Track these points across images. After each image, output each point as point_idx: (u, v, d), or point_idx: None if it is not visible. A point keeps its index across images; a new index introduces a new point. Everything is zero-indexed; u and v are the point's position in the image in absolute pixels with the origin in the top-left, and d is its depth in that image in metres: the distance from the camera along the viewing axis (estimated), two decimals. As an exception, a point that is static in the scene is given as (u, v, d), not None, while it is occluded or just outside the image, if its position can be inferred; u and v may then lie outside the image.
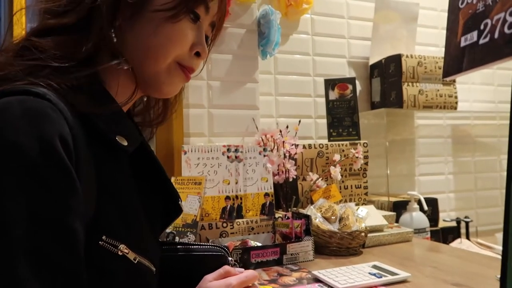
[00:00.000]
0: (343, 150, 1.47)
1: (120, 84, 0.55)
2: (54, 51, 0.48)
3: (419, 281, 0.86)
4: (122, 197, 0.51)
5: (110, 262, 0.46)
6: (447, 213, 1.96)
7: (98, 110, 0.49)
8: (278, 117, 1.67)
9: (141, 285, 0.51)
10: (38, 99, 0.42)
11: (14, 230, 0.36)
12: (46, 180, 0.39)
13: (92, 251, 0.44)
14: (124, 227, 0.49)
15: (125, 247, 0.48)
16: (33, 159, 0.39)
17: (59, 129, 0.42)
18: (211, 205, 1.14)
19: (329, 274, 0.88)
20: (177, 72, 0.58)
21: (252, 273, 0.61)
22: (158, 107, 0.68)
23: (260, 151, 1.25)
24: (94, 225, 0.44)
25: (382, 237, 1.21)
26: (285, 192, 1.32)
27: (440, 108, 1.76)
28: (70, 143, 0.43)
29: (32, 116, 0.41)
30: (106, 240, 0.46)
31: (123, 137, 0.52)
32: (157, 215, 0.60)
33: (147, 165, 0.61)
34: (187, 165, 1.15)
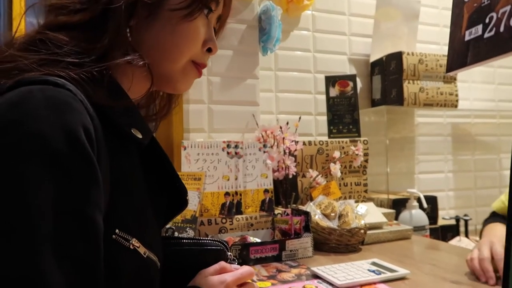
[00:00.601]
0: (343, 147, 1.46)
1: (133, 81, 0.55)
2: (71, 47, 0.48)
3: (418, 278, 0.86)
4: (134, 191, 0.51)
5: (121, 255, 0.46)
6: (446, 211, 1.96)
7: (113, 103, 0.49)
8: (279, 113, 1.66)
9: (148, 279, 0.51)
10: (58, 89, 0.42)
11: (38, 221, 0.36)
12: (70, 171, 0.39)
13: (105, 244, 0.44)
14: (135, 221, 0.50)
15: (136, 241, 0.48)
16: (57, 149, 0.38)
17: (81, 119, 0.42)
18: (210, 201, 1.14)
19: (328, 270, 0.88)
20: (191, 70, 0.59)
21: (248, 270, 0.60)
22: (162, 100, 0.68)
23: (260, 148, 1.25)
24: (108, 218, 0.44)
25: (381, 234, 1.21)
26: (284, 188, 1.32)
27: (441, 106, 1.76)
28: (92, 133, 0.42)
29: (54, 105, 0.40)
30: (119, 233, 0.46)
31: (137, 130, 0.52)
32: (162, 209, 0.60)
33: (155, 160, 0.61)
34: (187, 161, 1.15)
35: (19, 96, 0.40)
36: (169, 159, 0.63)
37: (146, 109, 0.68)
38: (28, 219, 0.36)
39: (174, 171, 0.62)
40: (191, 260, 0.62)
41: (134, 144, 0.53)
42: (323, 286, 0.82)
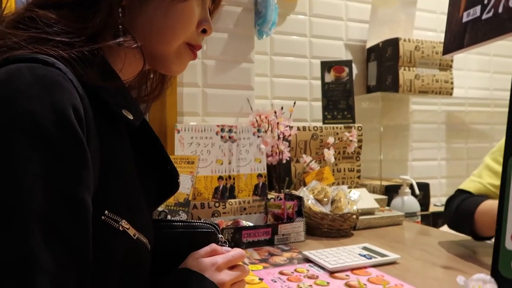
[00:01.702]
0: (337, 133, 1.46)
1: (126, 63, 0.55)
2: (62, 26, 0.47)
3: (408, 263, 0.87)
4: (124, 173, 0.51)
5: (111, 237, 0.46)
6: (438, 198, 1.98)
7: (104, 84, 0.49)
8: (273, 98, 1.65)
9: (138, 262, 0.51)
10: (48, 67, 0.41)
11: (27, 200, 0.36)
12: (60, 151, 0.39)
13: (94, 226, 0.43)
14: (124, 203, 0.49)
15: (126, 222, 0.47)
16: (47, 128, 0.38)
17: (71, 99, 0.41)
18: (203, 185, 1.14)
19: (320, 254, 0.88)
20: (186, 52, 0.58)
21: (239, 252, 0.60)
22: (154, 81, 0.67)
23: (254, 132, 1.24)
24: (97, 200, 0.44)
25: (373, 220, 1.21)
26: (278, 173, 1.32)
27: (436, 93, 1.76)
28: (82, 113, 0.42)
29: (43, 84, 0.39)
30: (108, 215, 0.45)
31: (128, 111, 0.51)
32: (152, 192, 0.60)
33: (146, 142, 0.60)
34: (180, 144, 1.14)
35: (7, 73, 0.39)
36: (161, 141, 0.62)
37: (137, 90, 0.67)
38: (16, 198, 0.35)
39: (166, 153, 0.62)
40: (182, 243, 0.62)
41: (124, 125, 0.53)
42: (315, 270, 0.82)
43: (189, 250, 0.60)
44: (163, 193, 0.63)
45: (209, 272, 0.56)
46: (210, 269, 0.56)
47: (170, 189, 0.63)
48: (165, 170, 0.62)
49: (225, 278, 0.57)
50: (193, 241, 0.61)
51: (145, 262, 0.53)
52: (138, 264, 0.51)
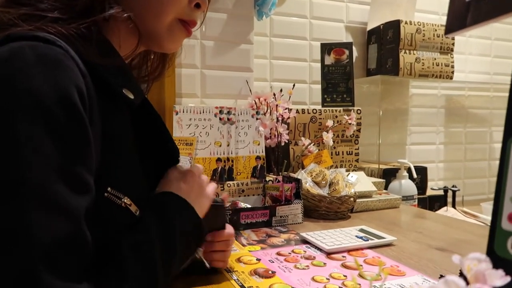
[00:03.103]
0: (336, 116, 1.46)
1: (122, 39, 0.54)
2: (52, 2, 0.47)
3: (404, 245, 0.88)
4: (125, 151, 0.51)
5: (113, 213, 0.47)
6: (435, 182, 1.99)
7: (105, 62, 0.48)
8: (272, 81, 1.64)
9: None
10: (49, 45, 0.41)
11: (27, 175, 0.36)
12: (62, 129, 0.39)
13: (97, 203, 0.44)
14: (126, 180, 0.50)
15: (128, 199, 0.48)
16: (49, 107, 0.38)
17: (74, 77, 0.41)
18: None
19: (317, 236, 0.89)
20: (178, 28, 0.57)
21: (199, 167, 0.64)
22: (155, 61, 0.66)
23: (252, 114, 1.24)
24: (100, 177, 0.44)
25: (370, 202, 1.22)
26: (276, 156, 1.32)
27: (436, 77, 1.75)
28: (84, 92, 0.42)
29: (46, 63, 0.39)
30: (111, 191, 0.46)
31: (129, 90, 0.51)
32: (153, 170, 0.60)
33: (147, 121, 0.60)
34: (179, 126, 1.14)
35: (10, 52, 0.39)
36: (162, 119, 0.62)
37: (138, 70, 0.66)
38: (17, 173, 0.36)
39: (167, 131, 0.62)
40: None
41: (125, 104, 0.52)
42: (312, 251, 0.83)
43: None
44: (164, 171, 0.63)
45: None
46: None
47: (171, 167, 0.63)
48: (166, 148, 0.62)
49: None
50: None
51: None
52: None
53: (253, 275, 0.70)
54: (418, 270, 0.73)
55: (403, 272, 0.71)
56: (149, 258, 0.47)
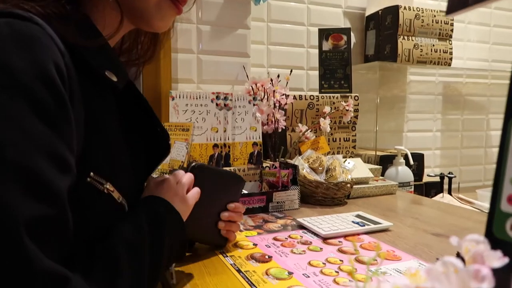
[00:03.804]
0: (333, 102, 1.45)
1: (106, 18, 0.52)
2: None
3: (400, 230, 0.88)
4: (109, 136, 0.50)
5: (95, 199, 0.45)
6: (431, 169, 2.00)
7: (86, 43, 0.47)
8: (270, 67, 1.63)
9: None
10: (26, 23, 0.39)
11: (6, 153, 0.35)
12: (41, 107, 0.37)
13: (79, 188, 0.43)
14: (110, 166, 0.48)
15: (110, 185, 0.47)
16: (26, 83, 0.37)
17: (52, 55, 0.39)
18: (198, 152, 1.14)
19: (313, 221, 0.89)
20: (167, 5, 0.55)
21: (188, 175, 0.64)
22: (146, 43, 0.65)
23: (249, 100, 1.23)
24: (83, 161, 0.43)
25: (367, 189, 1.23)
26: (273, 142, 1.32)
27: (434, 64, 1.74)
28: (64, 71, 0.40)
29: (23, 39, 0.38)
30: (93, 176, 0.45)
31: (112, 72, 0.49)
32: (141, 155, 0.59)
33: (133, 105, 0.58)
34: (175, 111, 1.13)
35: None
36: (148, 103, 0.60)
37: (128, 54, 0.64)
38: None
39: (155, 116, 0.60)
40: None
41: (109, 87, 0.51)
42: (308, 236, 0.83)
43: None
44: (156, 156, 0.62)
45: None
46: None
47: (162, 152, 0.62)
48: (156, 132, 0.61)
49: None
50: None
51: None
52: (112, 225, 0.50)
53: (250, 260, 0.70)
54: (414, 255, 0.73)
55: (399, 256, 0.72)
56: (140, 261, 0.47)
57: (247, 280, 0.62)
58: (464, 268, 0.22)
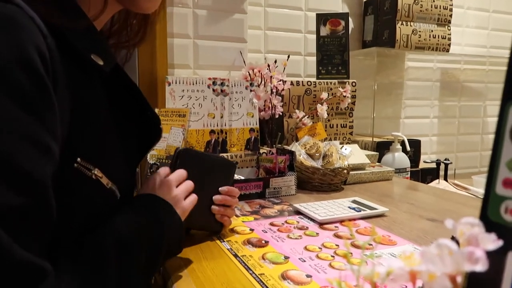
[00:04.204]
0: (331, 88, 1.45)
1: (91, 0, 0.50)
2: None
3: (395, 216, 0.89)
4: (96, 121, 0.49)
5: (83, 185, 0.45)
6: (428, 156, 2.00)
7: (70, 24, 0.45)
8: (267, 52, 1.61)
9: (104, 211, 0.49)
10: (3, 3, 0.38)
11: None
12: (21, 92, 0.36)
13: (67, 174, 0.42)
14: (98, 151, 0.48)
15: (98, 171, 0.46)
16: (5, 67, 0.35)
17: (33, 38, 0.38)
18: (195, 138, 1.13)
19: (310, 207, 0.90)
20: None
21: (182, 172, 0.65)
22: (136, 25, 0.63)
23: (246, 86, 1.22)
24: (69, 148, 0.42)
25: (363, 175, 1.23)
26: (270, 128, 1.31)
27: (432, 50, 1.73)
28: (46, 54, 0.39)
29: (1, 21, 0.36)
30: (80, 162, 0.44)
31: (98, 56, 0.48)
32: (132, 140, 0.58)
33: (122, 89, 0.57)
34: (171, 97, 1.12)
35: None
36: (138, 87, 0.59)
37: (117, 36, 0.63)
38: None
39: (145, 100, 0.59)
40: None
41: (95, 71, 0.49)
42: (305, 222, 0.84)
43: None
44: (147, 141, 0.62)
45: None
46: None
47: (153, 136, 0.62)
48: (146, 117, 0.60)
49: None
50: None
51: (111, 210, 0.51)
52: (104, 212, 0.49)
53: (247, 245, 0.70)
54: (409, 239, 0.74)
55: (395, 241, 0.72)
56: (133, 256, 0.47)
57: (244, 265, 0.62)
58: (459, 250, 0.22)
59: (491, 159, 0.26)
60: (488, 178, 0.26)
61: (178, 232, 0.58)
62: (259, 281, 0.57)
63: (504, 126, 0.26)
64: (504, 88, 0.25)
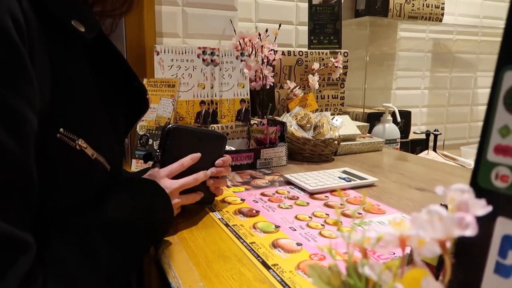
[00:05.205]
0: (322, 59, 1.43)
1: None
2: None
3: (385, 186, 0.90)
4: (79, 90, 0.47)
5: (67, 156, 0.44)
6: (418, 127, 2.02)
7: None
8: (258, 21, 1.58)
9: (95, 183, 0.49)
10: None
11: None
12: None
13: (49, 144, 0.41)
14: (82, 122, 0.46)
15: (83, 141, 0.45)
16: None
17: (7, 5, 0.36)
18: (185, 109, 1.12)
19: (301, 177, 0.90)
20: None
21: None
22: None
23: (237, 56, 1.20)
24: (51, 118, 0.41)
25: (354, 146, 1.23)
26: (261, 99, 1.30)
27: (425, 19, 1.70)
28: (21, 21, 0.37)
29: None
30: (63, 133, 0.43)
31: (79, 22, 0.46)
32: (119, 111, 0.57)
33: (107, 59, 0.55)
34: (160, 67, 1.10)
35: None
36: (123, 57, 0.57)
37: (102, 4, 0.60)
38: None
39: (130, 70, 0.57)
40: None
41: (76, 39, 0.47)
42: (295, 192, 0.84)
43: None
44: (135, 112, 0.61)
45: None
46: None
47: (141, 107, 0.61)
48: (133, 88, 0.58)
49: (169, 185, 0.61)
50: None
51: (102, 183, 0.51)
52: (91, 184, 0.49)
53: (238, 214, 0.71)
54: (398, 208, 0.75)
55: (384, 210, 0.74)
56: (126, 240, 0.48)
57: (235, 234, 0.63)
58: (449, 216, 0.22)
59: (484, 125, 0.26)
60: (480, 144, 0.26)
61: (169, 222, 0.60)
62: (250, 250, 0.57)
63: (498, 92, 0.26)
64: (500, 54, 0.25)
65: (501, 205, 0.24)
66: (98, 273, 0.43)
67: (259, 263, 0.53)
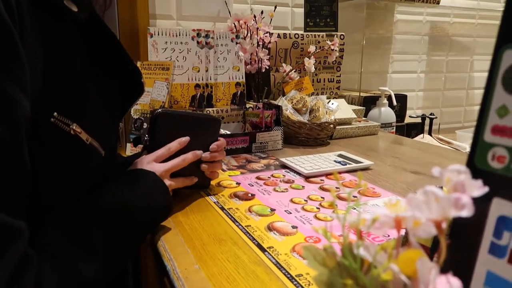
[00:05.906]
0: (318, 41, 1.41)
1: None
2: None
3: (380, 169, 0.90)
4: (72, 72, 0.46)
5: (61, 141, 0.43)
6: (413, 111, 2.02)
7: None
8: (253, 3, 1.55)
9: (90, 168, 0.49)
10: None
11: None
12: None
13: (43, 129, 0.40)
14: (76, 106, 0.46)
15: (77, 126, 0.44)
16: None
17: None
18: (180, 93, 1.11)
19: (296, 161, 0.90)
20: None
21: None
22: None
23: (232, 38, 1.18)
24: (44, 102, 0.40)
25: (349, 129, 1.23)
26: (257, 82, 1.29)
27: (423, 1, 1.68)
28: (12, 2, 0.36)
29: None
30: (57, 117, 0.42)
31: (71, 1, 0.45)
32: (114, 95, 0.56)
33: (101, 41, 0.54)
34: (154, 49, 1.08)
35: None
36: (118, 39, 0.56)
37: None
38: None
39: (125, 52, 0.56)
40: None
41: (69, 20, 0.46)
42: (291, 175, 0.84)
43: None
44: (128, 96, 0.60)
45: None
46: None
47: (135, 91, 0.60)
48: (127, 70, 0.57)
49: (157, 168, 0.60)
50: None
51: (97, 168, 0.50)
52: (86, 170, 0.48)
53: (233, 198, 0.71)
54: (393, 191, 0.75)
55: (379, 193, 0.74)
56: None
57: (230, 217, 0.63)
58: (445, 196, 0.22)
59: (481, 105, 0.25)
60: (477, 125, 0.26)
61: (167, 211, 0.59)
62: (246, 232, 0.57)
63: (497, 72, 0.25)
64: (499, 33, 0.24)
65: (497, 186, 0.24)
66: (95, 260, 0.43)
67: (254, 246, 0.53)
